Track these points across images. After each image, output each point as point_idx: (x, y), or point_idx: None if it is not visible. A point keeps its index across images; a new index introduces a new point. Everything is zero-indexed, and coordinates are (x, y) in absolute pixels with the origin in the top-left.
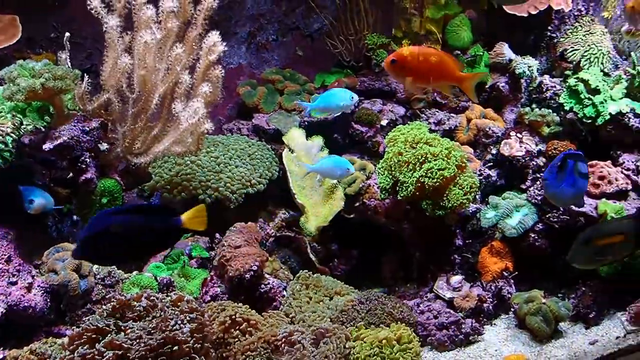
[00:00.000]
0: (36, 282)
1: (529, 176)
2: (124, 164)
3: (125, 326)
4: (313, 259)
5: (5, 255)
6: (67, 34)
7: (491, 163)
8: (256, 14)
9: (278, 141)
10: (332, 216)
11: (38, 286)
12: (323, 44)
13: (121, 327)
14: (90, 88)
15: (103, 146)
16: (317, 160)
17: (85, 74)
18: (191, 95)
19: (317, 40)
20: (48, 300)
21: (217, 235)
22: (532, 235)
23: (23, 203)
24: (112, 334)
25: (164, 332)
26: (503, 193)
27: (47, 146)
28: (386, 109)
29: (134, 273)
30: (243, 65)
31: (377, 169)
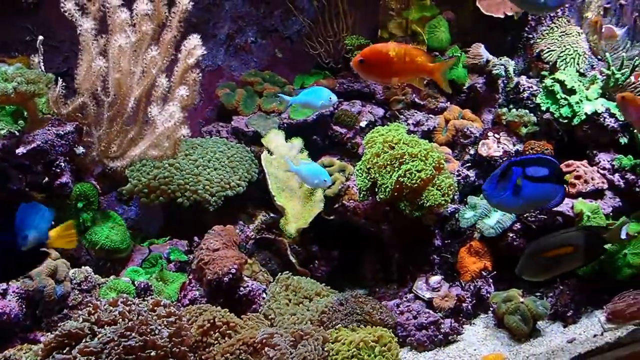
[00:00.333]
0: (11, 288)
1: None
2: (100, 168)
3: (99, 332)
4: (293, 261)
5: None
6: (40, 38)
7: (469, 163)
8: (235, 16)
9: (257, 143)
10: (312, 218)
11: (13, 292)
12: (302, 46)
13: (96, 333)
14: (65, 92)
15: (79, 150)
16: (299, 162)
17: (60, 78)
18: (168, 98)
19: (296, 42)
20: (23, 306)
21: (196, 238)
22: (511, 235)
23: (16, 238)
24: (87, 339)
25: (143, 336)
26: (481, 193)
27: (21, 150)
28: (365, 110)
29: (111, 278)
30: (222, 67)
31: (356, 171)
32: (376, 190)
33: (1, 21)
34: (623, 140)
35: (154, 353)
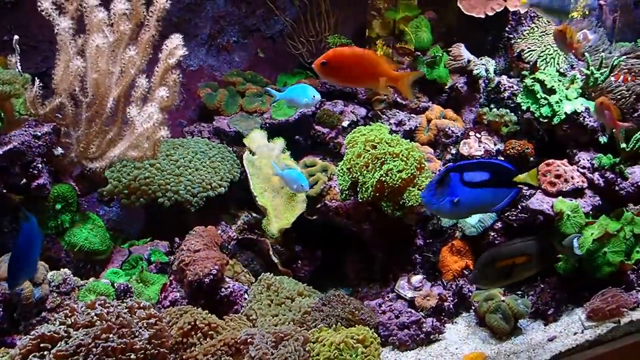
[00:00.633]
0: None
1: None
2: (79, 169)
3: (75, 334)
4: (276, 261)
5: None
6: (16, 37)
7: (451, 163)
8: (216, 16)
9: (239, 143)
10: (295, 218)
11: None
12: (284, 46)
13: (71, 335)
14: (42, 92)
15: (57, 151)
16: (281, 163)
17: (36, 78)
18: (148, 99)
19: (279, 42)
20: (0, 309)
21: (177, 239)
22: (492, 233)
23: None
24: (63, 342)
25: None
26: None
27: None
28: (347, 110)
29: (91, 280)
30: (203, 67)
31: (337, 170)
32: (357, 189)
33: None
34: (602, 139)
35: (134, 356)
